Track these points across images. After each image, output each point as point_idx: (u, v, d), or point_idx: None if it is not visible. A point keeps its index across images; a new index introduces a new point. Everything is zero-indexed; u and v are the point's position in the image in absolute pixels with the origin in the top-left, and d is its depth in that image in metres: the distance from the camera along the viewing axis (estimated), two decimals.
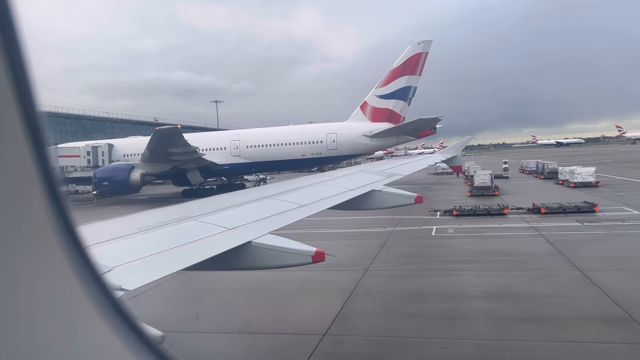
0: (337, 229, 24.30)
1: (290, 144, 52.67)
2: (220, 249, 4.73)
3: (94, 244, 4.19)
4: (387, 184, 10.25)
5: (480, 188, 36.64)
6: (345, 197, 8.62)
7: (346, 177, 11.42)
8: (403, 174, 13.75)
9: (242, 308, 13.42)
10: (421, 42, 52.51)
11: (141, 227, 5.09)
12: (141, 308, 12.71)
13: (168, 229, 5.27)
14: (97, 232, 4.93)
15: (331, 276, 15.47)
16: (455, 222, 24.97)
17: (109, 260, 3.83)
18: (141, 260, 4.12)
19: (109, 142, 55.99)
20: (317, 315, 12.21)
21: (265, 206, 7.12)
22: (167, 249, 4.51)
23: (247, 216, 6.15)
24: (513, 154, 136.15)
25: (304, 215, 6.90)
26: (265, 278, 15.58)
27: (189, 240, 4.86)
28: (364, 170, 13.01)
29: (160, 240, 4.82)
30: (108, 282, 1.89)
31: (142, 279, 3.77)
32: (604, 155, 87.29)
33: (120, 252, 4.27)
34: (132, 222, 5.63)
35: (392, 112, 53.23)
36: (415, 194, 9.61)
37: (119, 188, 47.44)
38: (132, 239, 4.72)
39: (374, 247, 19.73)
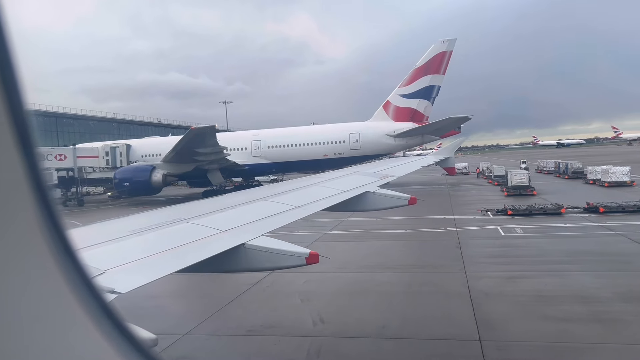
0: (392, 229, 24.41)
1: (313, 144, 52.19)
2: (214, 251, 4.72)
3: (88, 247, 4.17)
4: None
5: (518, 187, 36.48)
6: (339, 198, 8.62)
7: (340, 178, 11.42)
8: (397, 176, 13.76)
9: (371, 310, 12.84)
10: (445, 41, 52.22)
11: (134, 230, 5.07)
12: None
13: (161, 231, 5.25)
14: (91, 235, 4.91)
15: (433, 278, 15.38)
16: (515, 222, 24.48)
17: (102, 263, 3.81)
18: (134, 262, 4.10)
19: (126, 143, 55.44)
20: (453, 319, 11.73)
21: (258, 208, 7.11)
22: (160, 251, 4.49)
23: (241, 218, 6.14)
24: (516, 155, 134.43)
25: (297, 217, 6.90)
26: (361, 279, 15.83)
27: (182, 243, 4.85)
28: (357, 172, 13.02)
29: (154, 243, 4.80)
30: (98, 285, 1.88)
31: (135, 282, 3.75)
32: (612, 156, 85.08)
33: (114, 254, 4.25)
34: (126, 224, 5.61)
35: (416, 111, 52.83)
36: (408, 195, 9.61)
37: (140, 189, 46.93)
38: (126, 241, 4.70)
39: (451, 248, 19.44)
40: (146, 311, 12.59)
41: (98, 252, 4.22)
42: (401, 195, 9.67)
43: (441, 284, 14.81)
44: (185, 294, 15.08)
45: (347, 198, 8.81)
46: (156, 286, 4.16)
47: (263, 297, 14.28)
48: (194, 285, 15.53)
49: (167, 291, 14.68)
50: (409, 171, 17.40)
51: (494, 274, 15.59)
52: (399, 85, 54.36)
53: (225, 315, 12.92)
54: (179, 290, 15.27)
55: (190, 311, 13.66)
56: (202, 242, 4.96)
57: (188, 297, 14.92)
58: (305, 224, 24.85)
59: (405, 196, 9.57)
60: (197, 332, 11.68)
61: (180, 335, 11.29)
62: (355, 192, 9.23)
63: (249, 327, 11.83)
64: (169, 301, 14.40)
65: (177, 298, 14.81)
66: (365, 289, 14.73)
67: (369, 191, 9.42)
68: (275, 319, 12.43)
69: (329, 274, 16.43)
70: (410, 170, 17.53)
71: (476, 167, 68.39)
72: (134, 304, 12.94)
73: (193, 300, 14.73)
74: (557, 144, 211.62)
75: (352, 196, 9.00)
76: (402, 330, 11.25)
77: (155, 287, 4.31)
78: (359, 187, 9.77)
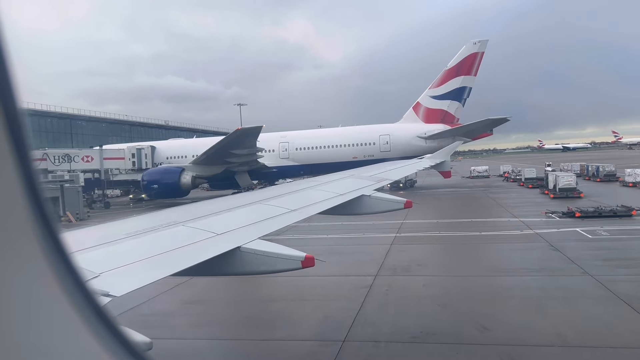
0: (463, 231, 24.33)
1: (342, 146, 51.67)
2: (210, 254, 4.72)
3: (82, 250, 4.15)
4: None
5: (565, 190, 36.55)
6: (334, 202, 8.62)
7: (336, 182, 11.43)
8: (392, 179, 13.78)
9: (531, 317, 12.11)
10: (477, 42, 51.89)
11: (130, 233, 5.06)
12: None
13: (157, 234, 5.24)
14: (85, 238, 4.89)
15: (561, 282, 14.91)
16: (588, 224, 23.97)
17: (97, 266, 3.80)
18: (129, 265, 4.09)
19: (151, 144, 54.85)
20: (620, 327, 11.10)
21: (254, 211, 7.10)
22: (156, 254, 4.48)
23: (236, 221, 6.13)
24: (515, 159, 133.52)
25: (293, 220, 6.90)
26: (484, 283, 15.35)
27: (177, 246, 4.84)
28: (354, 175, 13.03)
29: (149, 246, 4.79)
30: (91, 288, 1.87)
31: (130, 285, 3.74)
32: (626, 160, 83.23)
33: (108, 257, 4.24)
34: (121, 227, 5.59)
35: (447, 113, 52.43)
36: (404, 199, 9.62)
37: (169, 191, 46.27)
38: (121, 244, 4.69)
39: (547, 251, 19.08)
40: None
41: (93, 255, 4.21)
42: (397, 199, 9.68)
43: (575, 288, 14.28)
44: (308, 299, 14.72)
45: (343, 201, 8.81)
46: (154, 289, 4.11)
47: (393, 302, 13.84)
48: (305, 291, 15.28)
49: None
50: (405, 174, 17.42)
51: (627, 277, 15.03)
52: (430, 87, 53.82)
53: (370, 320, 12.27)
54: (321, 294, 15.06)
55: (332, 316, 12.98)
56: (197, 245, 4.95)
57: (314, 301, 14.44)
58: (372, 227, 25.47)
59: (401, 200, 9.58)
60: (357, 338, 11.09)
61: (340, 341, 10.81)
62: (351, 196, 9.23)
63: (411, 334, 11.29)
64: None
65: (323, 302, 14.37)
66: (499, 293, 14.30)
67: (365, 195, 9.43)
68: (431, 325, 11.78)
69: (444, 278, 16.28)
70: (406, 174, 17.57)
71: (498, 170, 68.28)
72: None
73: (331, 304, 14.09)
74: (563, 147, 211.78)
75: (348, 199, 9.00)
76: (585, 339, 10.57)
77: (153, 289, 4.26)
78: (354, 190, 9.77)
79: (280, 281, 15.44)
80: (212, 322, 13.15)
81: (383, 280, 15.74)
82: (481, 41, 52.02)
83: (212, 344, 11.76)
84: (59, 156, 48.84)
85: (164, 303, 14.52)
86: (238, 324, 12.96)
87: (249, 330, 12.30)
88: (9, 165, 1.40)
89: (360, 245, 22.40)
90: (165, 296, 14.83)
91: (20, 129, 1.42)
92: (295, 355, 10.59)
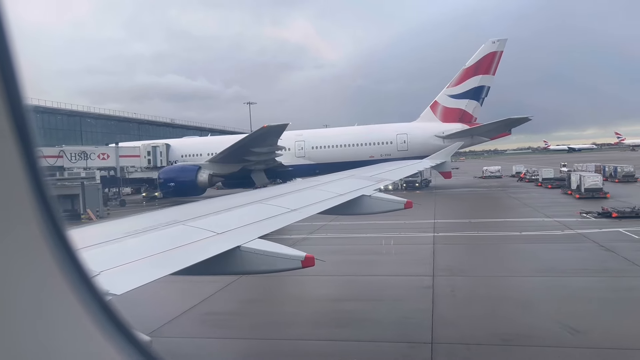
0: (504, 232, 24.04)
1: (358, 145, 51.18)
2: (210, 253, 4.72)
3: (82, 248, 4.15)
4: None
5: (591, 190, 36.40)
6: (334, 202, 8.63)
7: (336, 182, 11.44)
8: (393, 179, 13.79)
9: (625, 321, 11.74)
10: (495, 41, 51.32)
11: (130, 231, 5.07)
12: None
13: (157, 233, 5.24)
14: (86, 236, 4.89)
15: (634, 283, 14.59)
16: (628, 224, 23.62)
17: (97, 264, 3.80)
18: (130, 264, 4.09)
19: (166, 142, 54.60)
20: None
21: (254, 210, 7.11)
22: (156, 253, 4.49)
23: (237, 220, 6.14)
24: (523, 159, 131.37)
25: (293, 220, 6.90)
26: (556, 284, 14.89)
27: (178, 245, 4.84)
28: (354, 176, 13.04)
29: (149, 245, 4.79)
30: (98, 285, 1.88)
31: (130, 284, 3.75)
32: (632, 161, 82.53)
33: (109, 256, 4.24)
34: (121, 226, 5.60)
35: (465, 112, 51.93)
36: (404, 199, 9.63)
37: (186, 189, 45.81)
38: (121, 243, 4.70)
39: (599, 251, 18.71)
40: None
41: (93, 253, 4.21)
42: (397, 199, 9.69)
43: (634, 288, 14.08)
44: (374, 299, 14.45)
45: (343, 201, 8.82)
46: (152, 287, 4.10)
47: (465, 302, 13.55)
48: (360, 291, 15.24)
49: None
50: (405, 175, 17.44)
51: None
52: (447, 86, 53.28)
53: (448, 321, 11.97)
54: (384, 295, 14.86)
55: (408, 317, 12.69)
56: (198, 244, 4.96)
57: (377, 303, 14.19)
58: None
59: (401, 200, 9.59)
60: (444, 340, 10.84)
61: (428, 343, 10.64)
62: (352, 196, 9.25)
63: (500, 336, 10.91)
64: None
65: (394, 302, 14.13)
66: (573, 294, 13.89)
67: (365, 195, 9.44)
68: (517, 327, 11.36)
69: (507, 278, 15.89)
70: (407, 174, 17.59)
71: (510, 170, 67.74)
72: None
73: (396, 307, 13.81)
74: (569, 148, 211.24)
75: (348, 199, 9.02)
76: None
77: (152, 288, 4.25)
78: (355, 190, 9.79)
79: (337, 280, 15.66)
80: (290, 322, 12.72)
81: (443, 281, 15.39)
82: (500, 40, 51.35)
83: (301, 344, 11.31)
84: (76, 153, 48.62)
85: (226, 302, 14.37)
86: (319, 324, 12.49)
87: (334, 331, 11.90)
88: (14, 162, 1.40)
89: (401, 245, 22.23)
90: (223, 295, 14.73)
91: (26, 125, 1.43)
92: (390, 358, 10.29)
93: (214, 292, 14.85)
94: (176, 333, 12.00)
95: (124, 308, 1.94)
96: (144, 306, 11.56)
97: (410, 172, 18.11)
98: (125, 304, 2.97)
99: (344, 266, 18.46)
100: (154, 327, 11.80)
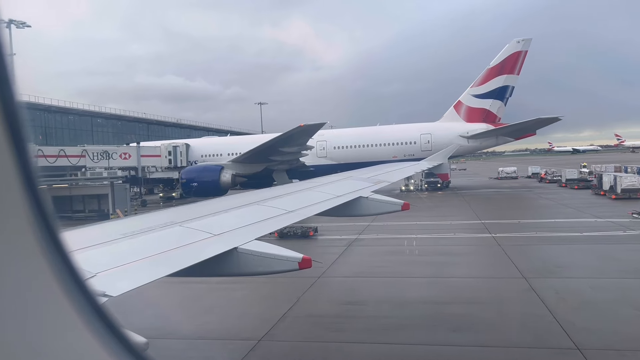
0: (562, 232, 23.55)
1: (381, 145, 50.64)
2: (207, 254, 4.71)
3: (78, 249, 4.13)
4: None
5: (628, 191, 36.33)
6: (332, 203, 8.62)
7: (334, 183, 11.43)
8: (390, 181, 13.78)
9: None
10: (520, 41, 50.86)
11: (126, 233, 5.04)
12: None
13: (154, 234, 5.23)
14: (81, 238, 4.87)
15: None
16: None
17: (93, 266, 3.78)
18: (126, 266, 4.08)
19: (185, 142, 54.35)
20: None
21: (251, 212, 7.09)
22: (152, 254, 4.47)
23: (234, 222, 6.13)
24: (525, 160, 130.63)
25: (290, 222, 6.90)
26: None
27: (174, 246, 4.83)
28: (351, 177, 13.03)
29: (146, 246, 4.77)
30: (91, 287, 1.86)
31: (126, 285, 3.73)
32: (637, 162, 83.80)
33: (105, 257, 4.22)
34: (117, 227, 5.57)
35: (489, 112, 51.40)
36: (402, 201, 9.63)
37: (208, 189, 44.66)
38: (117, 244, 4.67)
39: None
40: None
41: (89, 254, 4.19)
42: (394, 200, 9.68)
43: None
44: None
45: (340, 203, 8.82)
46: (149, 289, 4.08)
47: (580, 305, 12.98)
48: None
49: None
50: (403, 176, 17.44)
51: None
52: (471, 85, 52.87)
53: (577, 325, 11.40)
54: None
55: (529, 322, 12.07)
56: (194, 245, 4.94)
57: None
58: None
59: (399, 202, 9.59)
60: (590, 346, 10.34)
61: (574, 349, 10.20)
62: (349, 197, 9.24)
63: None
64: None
65: (502, 305, 13.75)
66: None
67: (363, 196, 9.44)
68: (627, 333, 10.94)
69: (603, 280, 15.41)
70: (404, 176, 17.59)
71: (525, 171, 67.53)
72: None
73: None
74: (573, 150, 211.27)
75: (345, 201, 9.01)
76: None
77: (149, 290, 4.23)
78: (352, 192, 9.79)
79: (422, 282, 15.62)
80: (406, 325, 12.15)
81: (540, 283, 14.83)
82: (525, 40, 50.84)
83: (422, 349, 10.78)
84: (98, 153, 48.24)
85: (329, 304, 14.10)
86: (432, 328, 11.98)
87: (452, 335, 11.33)
88: (7, 163, 1.39)
89: (464, 246, 21.88)
90: (320, 296, 14.62)
91: (19, 126, 1.41)
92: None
93: (302, 292, 14.74)
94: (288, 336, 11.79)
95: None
96: None
97: (408, 173, 18.11)
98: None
99: (419, 268, 18.18)
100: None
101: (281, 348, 11.06)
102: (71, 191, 40.56)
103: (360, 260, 20.06)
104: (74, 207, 39.65)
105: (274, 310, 13.37)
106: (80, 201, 40.39)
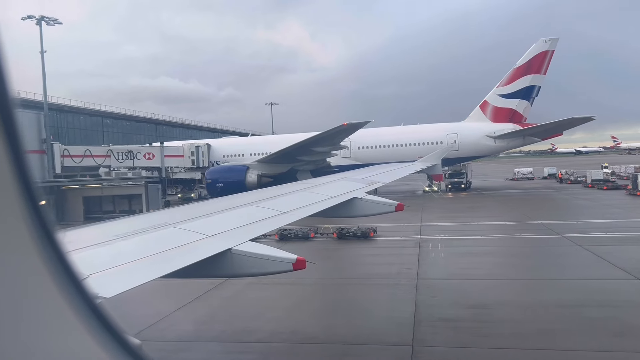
0: (627, 232, 22.86)
1: (407, 145, 50.02)
2: (200, 256, 4.70)
3: (72, 250, 4.12)
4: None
5: None
6: (326, 204, 8.63)
7: (328, 184, 11.45)
8: (384, 182, 13.79)
9: None
10: (547, 40, 50.46)
11: (119, 234, 5.03)
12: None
13: (147, 235, 5.22)
14: (74, 239, 4.85)
15: None
16: None
17: (86, 267, 3.77)
18: (119, 267, 4.07)
19: (207, 142, 54.09)
20: None
21: (245, 213, 7.09)
22: (146, 255, 4.46)
23: (228, 223, 6.12)
24: (527, 161, 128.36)
25: (284, 223, 6.90)
26: None
27: (168, 247, 4.82)
28: (345, 178, 13.05)
29: (139, 247, 4.76)
30: (88, 288, 1.87)
31: (120, 286, 3.72)
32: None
33: (98, 259, 4.21)
34: (111, 228, 5.55)
35: (515, 112, 50.92)
36: (395, 201, 9.65)
37: (234, 190, 43.00)
38: (111, 245, 4.66)
39: None
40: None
41: (81, 256, 4.17)
42: (388, 201, 9.70)
43: None
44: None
45: (334, 204, 8.83)
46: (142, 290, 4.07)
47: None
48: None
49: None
50: (396, 177, 17.43)
51: None
52: (498, 85, 52.48)
53: None
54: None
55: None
56: (188, 247, 4.94)
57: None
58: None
59: (393, 202, 9.61)
60: None
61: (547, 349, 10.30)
62: (343, 198, 9.26)
63: None
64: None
65: (609, 307, 13.19)
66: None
67: (357, 197, 9.45)
68: None
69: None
70: (398, 177, 17.58)
71: (541, 172, 67.04)
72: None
73: None
74: (576, 151, 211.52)
75: (339, 202, 9.02)
76: None
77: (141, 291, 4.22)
78: (346, 193, 9.80)
79: (518, 284, 15.46)
80: (556, 330, 11.57)
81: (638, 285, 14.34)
82: (552, 39, 50.52)
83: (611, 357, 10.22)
84: (122, 153, 47.99)
85: (453, 307, 13.69)
86: (601, 333, 11.32)
87: (629, 340, 10.78)
88: (3, 164, 1.39)
89: (545, 246, 21.28)
90: (436, 300, 14.33)
91: (14, 127, 1.42)
92: None
93: (412, 295, 14.47)
94: None
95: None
96: None
97: (402, 174, 18.11)
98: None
99: (514, 270, 17.90)
100: None
101: (443, 355, 10.64)
102: (103, 191, 40.42)
103: (446, 262, 19.57)
104: (103, 207, 39.63)
105: (398, 313, 13.10)
106: (110, 202, 40.24)
